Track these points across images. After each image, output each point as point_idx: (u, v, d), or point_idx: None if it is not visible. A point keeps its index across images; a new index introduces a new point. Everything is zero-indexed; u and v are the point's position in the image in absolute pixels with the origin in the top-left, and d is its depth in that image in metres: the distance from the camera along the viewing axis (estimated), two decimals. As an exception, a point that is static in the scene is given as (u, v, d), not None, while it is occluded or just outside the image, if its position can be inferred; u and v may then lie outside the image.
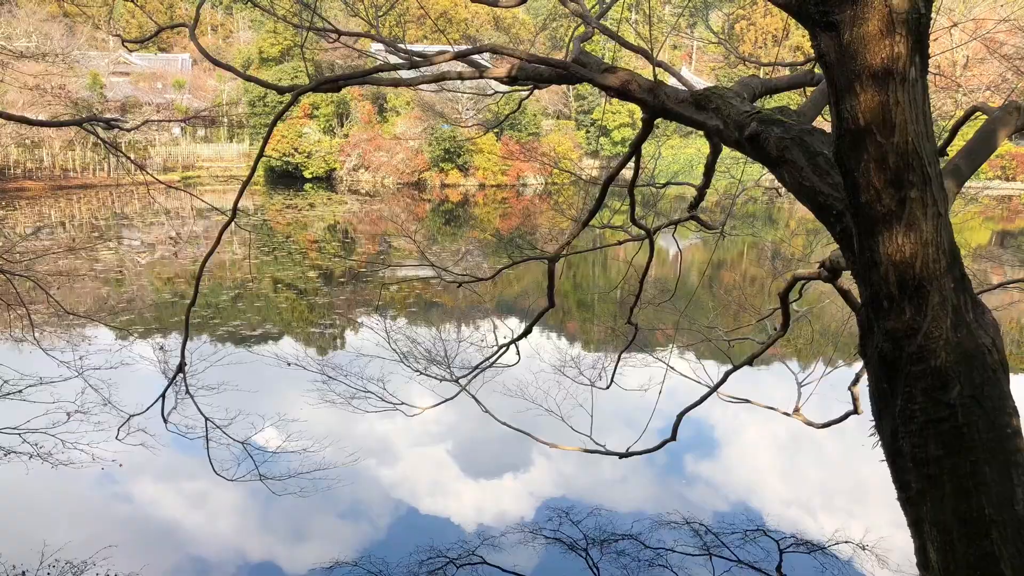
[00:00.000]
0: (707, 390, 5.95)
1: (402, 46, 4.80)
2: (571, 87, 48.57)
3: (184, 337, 5.02)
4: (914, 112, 2.08)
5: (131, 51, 46.28)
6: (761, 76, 4.35)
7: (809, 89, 4.54)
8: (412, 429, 10.29)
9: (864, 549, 7.52)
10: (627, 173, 4.70)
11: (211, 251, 4.70)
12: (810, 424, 6.80)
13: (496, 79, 3.72)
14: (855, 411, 6.22)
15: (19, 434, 9.16)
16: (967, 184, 3.45)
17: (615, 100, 3.70)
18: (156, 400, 5.26)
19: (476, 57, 4.08)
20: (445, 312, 17.08)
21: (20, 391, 10.16)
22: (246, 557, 7.48)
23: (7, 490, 8.39)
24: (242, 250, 22.80)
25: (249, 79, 4.35)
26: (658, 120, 3.51)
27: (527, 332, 5.59)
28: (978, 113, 4.02)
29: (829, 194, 2.55)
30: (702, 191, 5.03)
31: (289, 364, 11.00)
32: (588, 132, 53.42)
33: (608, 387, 6.95)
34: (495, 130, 43.16)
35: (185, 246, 23.98)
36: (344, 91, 41.38)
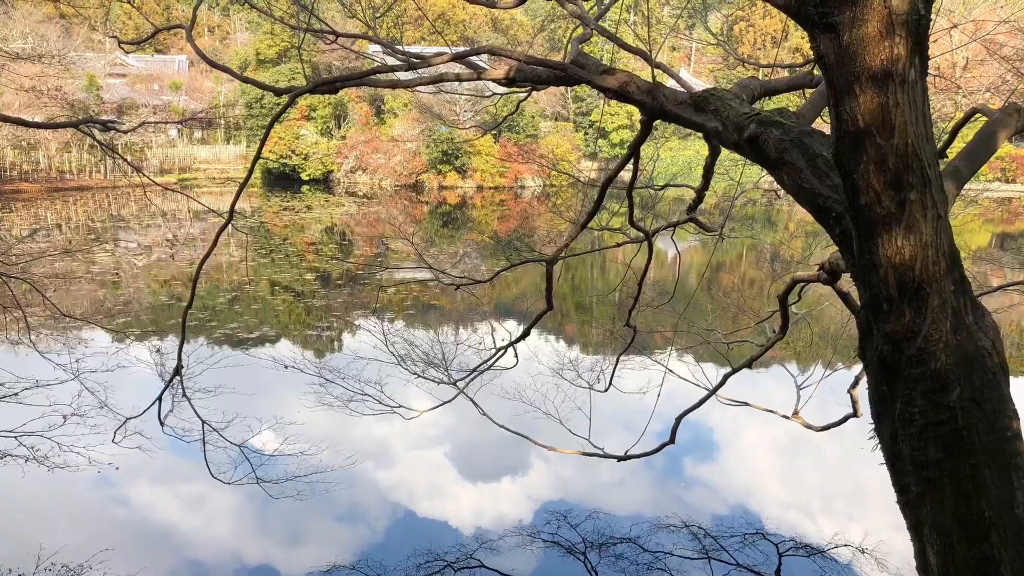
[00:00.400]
0: (706, 393, 5.93)
1: (400, 47, 4.79)
2: (569, 89, 48.64)
3: (181, 340, 5.00)
4: (914, 114, 2.06)
5: (128, 53, 46.36)
6: (760, 78, 4.35)
7: (808, 91, 4.53)
8: (410, 432, 10.26)
9: (863, 552, 7.51)
10: (625, 175, 4.69)
11: (208, 253, 4.68)
12: (809, 427, 6.79)
13: (494, 81, 3.71)
14: (854, 414, 6.21)
15: (15, 437, 9.13)
16: (967, 186, 3.44)
17: (613, 102, 3.69)
18: (153, 403, 5.24)
19: (474, 59, 4.07)
20: (443, 314, 17.06)
21: (16, 394, 10.13)
22: (243, 560, 7.45)
23: (3, 493, 8.35)
24: (239, 252, 22.76)
25: (246, 81, 4.34)
26: (657, 122, 3.50)
27: (525, 335, 5.57)
28: (978, 115, 4.02)
29: (828, 196, 2.54)
30: (701, 193, 5.02)
31: (286, 367, 10.96)
32: (586, 134, 53.48)
33: (606, 390, 6.93)
34: (493, 132, 43.21)
35: (182, 248, 23.95)
36: (341, 93, 41.39)
